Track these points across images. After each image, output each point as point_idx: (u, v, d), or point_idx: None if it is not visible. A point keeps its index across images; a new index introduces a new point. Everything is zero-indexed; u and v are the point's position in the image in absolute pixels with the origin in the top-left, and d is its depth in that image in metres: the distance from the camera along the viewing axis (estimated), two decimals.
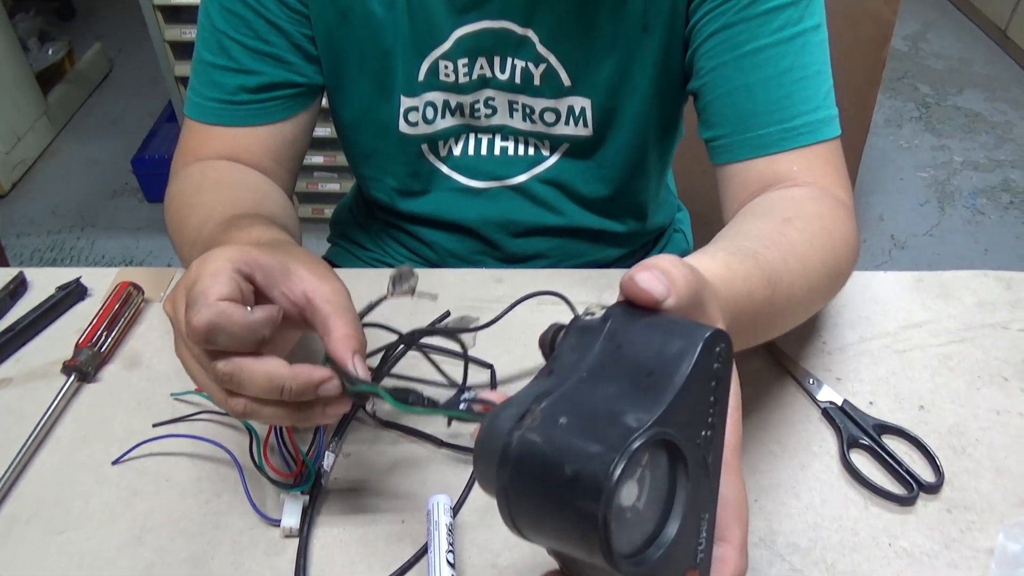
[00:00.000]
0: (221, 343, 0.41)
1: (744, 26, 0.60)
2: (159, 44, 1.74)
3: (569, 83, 0.68)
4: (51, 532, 0.51)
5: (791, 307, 0.52)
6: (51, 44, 2.44)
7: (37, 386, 0.61)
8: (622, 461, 0.26)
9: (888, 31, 1.07)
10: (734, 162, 0.63)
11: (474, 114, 0.71)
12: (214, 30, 0.67)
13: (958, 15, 2.92)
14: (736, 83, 0.62)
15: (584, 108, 0.69)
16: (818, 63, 0.61)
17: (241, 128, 0.68)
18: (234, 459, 0.54)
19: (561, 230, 0.78)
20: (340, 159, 1.90)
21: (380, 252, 0.87)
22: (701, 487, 0.30)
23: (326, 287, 0.45)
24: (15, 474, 0.54)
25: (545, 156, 0.74)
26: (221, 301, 0.41)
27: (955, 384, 0.60)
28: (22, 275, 0.69)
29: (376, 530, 0.51)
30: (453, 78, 0.69)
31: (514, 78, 0.68)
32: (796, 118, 0.60)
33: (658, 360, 0.29)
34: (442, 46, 0.67)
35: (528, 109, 0.70)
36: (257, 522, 0.52)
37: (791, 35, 0.60)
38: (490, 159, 0.74)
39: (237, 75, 0.67)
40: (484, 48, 0.67)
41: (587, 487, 0.26)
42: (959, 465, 0.54)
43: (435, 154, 0.74)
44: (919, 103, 2.47)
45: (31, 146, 2.29)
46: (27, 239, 2.05)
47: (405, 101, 0.70)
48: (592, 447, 0.27)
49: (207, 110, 0.68)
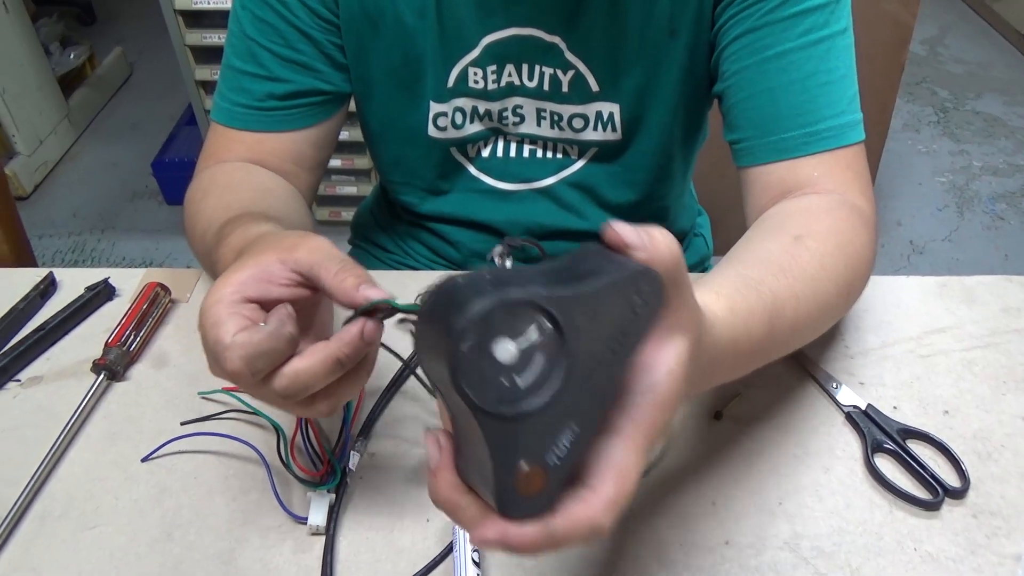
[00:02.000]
0: (264, 367, 0.41)
1: (769, 30, 0.60)
2: (180, 48, 1.76)
3: (597, 88, 0.68)
4: (83, 527, 0.52)
5: (797, 333, 0.52)
6: (73, 48, 2.48)
7: (67, 384, 0.62)
8: (494, 295, 0.29)
9: (907, 35, 1.07)
10: (756, 165, 0.63)
11: (502, 120, 0.72)
12: (244, 37, 0.68)
13: (977, 19, 2.91)
14: (759, 87, 0.62)
15: (612, 113, 0.69)
16: (843, 68, 0.61)
17: (266, 133, 0.69)
18: (262, 457, 0.55)
19: (585, 234, 0.79)
20: (358, 163, 1.91)
21: (402, 254, 0.87)
22: (580, 398, 0.31)
23: (301, 252, 0.44)
24: (47, 470, 0.55)
25: (573, 160, 0.74)
26: (235, 336, 0.40)
27: (980, 389, 0.59)
28: (51, 275, 0.70)
29: (401, 528, 0.52)
30: (482, 85, 0.69)
31: (542, 85, 0.69)
32: (819, 123, 0.60)
33: (588, 273, 0.32)
34: (471, 53, 0.68)
35: (556, 116, 0.71)
36: (284, 519, 0.52)
37: (816, 39, 0.60)
38: (518, 161, 0.75)
39: (266, 82, 0.68)
40: (512, 55, 0.68)
41: (460, 305, 0.29)
42: (985, 471, 0.54)
43: (464, 155, 0.75)
44: (937, 108, 2.46)
45: (53, 149, 2.32)
46: (48, 240, 2.08)
47: (434, 107, 0.71)
48: (487, 288, 0.29)
49: (234, 115, 0.69)
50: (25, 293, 0.68)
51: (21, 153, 2.18)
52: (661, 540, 0.51)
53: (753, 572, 0.49)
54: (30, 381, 0.62)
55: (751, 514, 0.52)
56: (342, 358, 0.41)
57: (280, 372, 0.41)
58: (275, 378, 0.41)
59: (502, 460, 0.30)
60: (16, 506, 0.52)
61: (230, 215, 0.57)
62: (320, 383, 0.41)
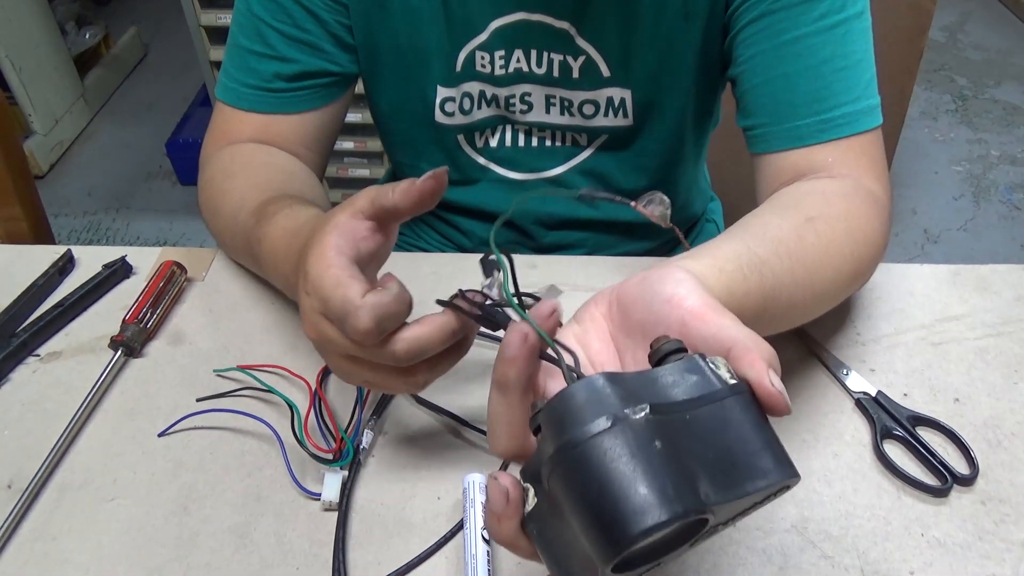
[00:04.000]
0: (390, 327, 0.41)
1: (785, 14, 0.60)
2: (195, 29, 1.76)
3: (609, 74, 0.68)
4: (101, 500, 0.53)
5: (785, 319, 0.52)
6: (88, 28, 2.48)
7: (86, 359, 0.63)
8: (673, 520, 0.28)
9: (926, 21, 1.05)
10: (770, 152, 0.63)
11: (509, 107, 0.72)
12: (251, 16, 0.68)
13: (997, 6, 2.87)
14: (775, 72, 0.61)
15: (624, 99, 0.69)
16: (860, 52, 0.61)
17: (274, 115, 0.69)
18: (276, 434, 0.56)
19: (596, 223, 0.79)
20: (370, 145, 1.92)
21: (414, 237, 0.88)
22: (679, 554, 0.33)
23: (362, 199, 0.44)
24: (67, 443, 0.56)
25: (582, 147, 0.74)
26: (365, 297, 0.41)
27: (991, 377, 0.59)
28: (69, 253, 0.71)
29: (413, 506, 0.52)
30: (489, 69, 0.69)
31: (552, 71, 0.68)
32: (835, 109, 0.60)
33: (747, 461, 0.31)
34: (479, 37, 0.67)
35: (566, 102, 0.70)
36: (297, 495, 0.53)
37: (833, 23, 0.59)
38: (527, 151, 0.74)
39: (273, 62, 0.68)
40: (520, 40, 0.67)
41: (637, 516, 0.28)
42: (994, 458, 0.54)
43: (471, 145, 0.75)
44: (956, 95, 2.43)
45: (68, 128, 2.33)
46: (64, 220, 2.09)
47: (442, 91, 0.71)
48: (667, 488, 0.28)
49: (241, 96, 0.69)
50: (44, 270, 0.69)
51: (37, 132, 2.20)
52: None
53: (760, 554, 0.50)
54: (49, 356, 0.63)
55: None
56: (456, 329, 0.42)
57: (399, 336, 0.42)
58: (394, 342, 0.42)
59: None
60: (36, 478, 0.54)
61: (266, 196, 0.58)
62: (433, 350, 0.42)
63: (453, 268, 0.70)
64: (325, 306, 0.42)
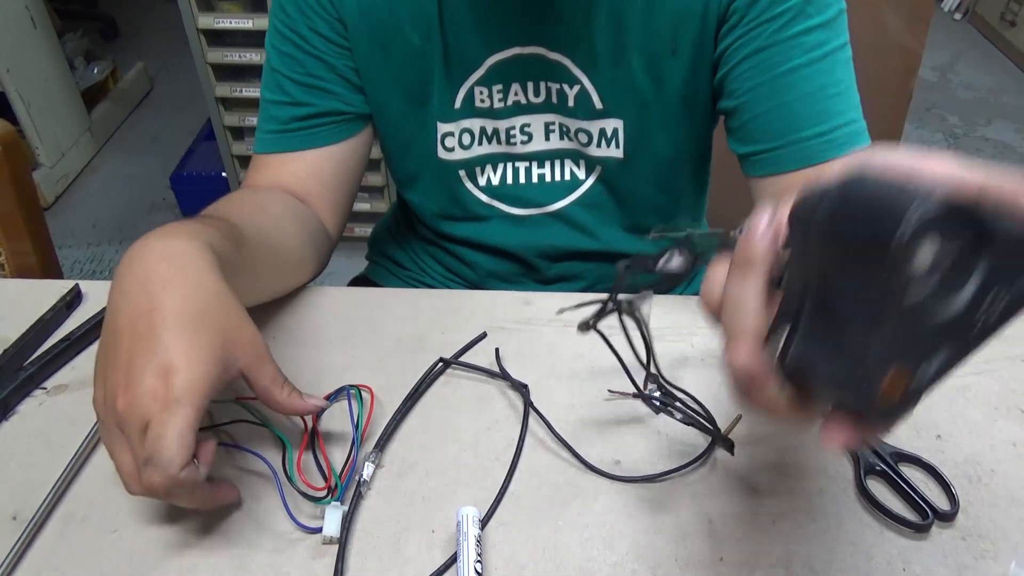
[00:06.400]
0: (168, 498, 0.47)
1: (778, 48, 0.64)
2: (201, 66, 1.80)
3: (601, 106, 0.71)
4: (103, 531, 0.55)
5: None
6: (96, 63, 2.54)
7: (91, 393, 0.64)
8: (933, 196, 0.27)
9: (915, 62, 1.09)
10: (778, 174, 0.66)
11: (510, 140, 0.74)
12: (271, 71, 0.73)
13: (988, 46, 2.93)
14: (775, 102, 0.65)
15: (616, 129, 0.72)
16: (848, 79, 0.65)
17: (290, 153, 0.72)
18: (271, 468, 0.57)
19: (599, 254, 0.81)
20: (371, 180, 1.95)
21: (418, 271, 0.90)
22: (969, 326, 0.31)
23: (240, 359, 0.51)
24: (71, 475, 0.58)
25: (582, 180, 0.76)
26: (180, 470, 0.45)
27: (972, 415, 0.61)
28: (77, 287, 0.73)
29: (407, 538, 0.54)
30: (488, 103, 0.72)
31: (550, 98, 0.71)
32: (836, 130, 0.64)
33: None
34: (476, 72, 0.70)
35: (564, 127, 0.73)
36: (296, 527, 0.54)
37: (822, 54, 0.63)
38: (528, 187, 0.77)
39: (290, 107, 0.72)
40: (517, 74, 0.70)
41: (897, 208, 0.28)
42: (975, 495, 0.56)
43: (473, 182, 0.77)
44: (948, 134, 2.48)
45: (74, 161, 2.37)
46: (68, 251, 2.12)
47: (442, 127, 0.74)
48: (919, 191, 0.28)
49: (264, 142, 0.74)
50: (52, 304, 0.71)
51: (44, 165, 2.24)
52: (658, 556, 0.52)
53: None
54: (56, 389, 0.65)
55: (746, 532, 0.54)
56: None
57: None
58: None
59: (883, 357, 0.29)
60: (41, 509, 0.55)
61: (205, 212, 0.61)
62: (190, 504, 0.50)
63: (451, 304, 0.72)
64: (150, 428, 0.45)
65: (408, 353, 0.66)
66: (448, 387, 0.64)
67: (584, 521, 0.54)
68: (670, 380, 0.62)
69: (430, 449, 0.59)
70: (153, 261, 0.49)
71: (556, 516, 0.55)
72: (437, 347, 0.67)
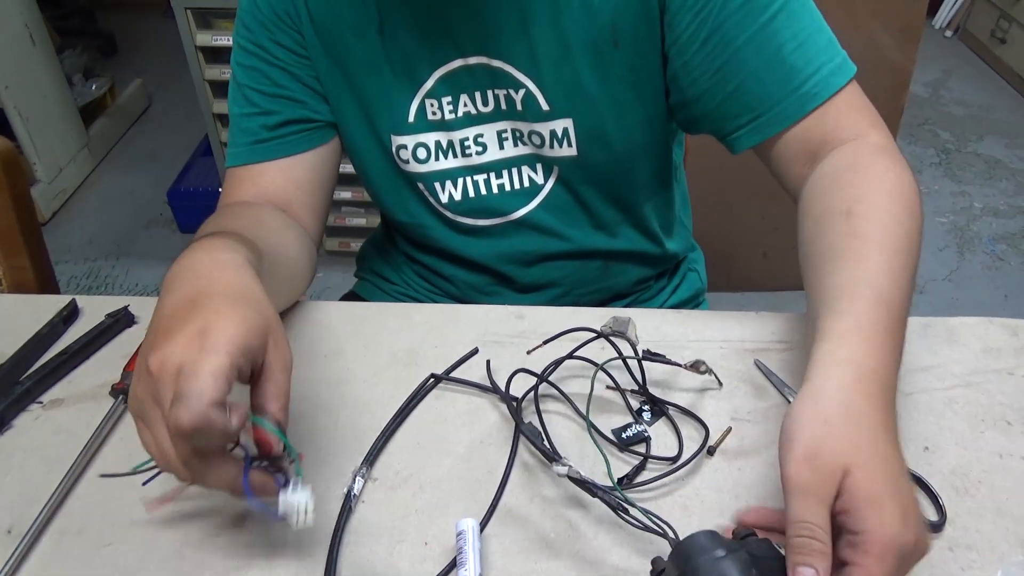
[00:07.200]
0: (197, 443, 0.44)
1: (730, 24, 0.63)
2: (199, 83, 1.82)
3: (548, 107, 0.70)
4: (98, 544, 0.55)
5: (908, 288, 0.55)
6: (95, 80, 2.55)
7: (87, 407, 0.65)
8: None
9: (905, 79, 1.10)
10: (769, 139, 0.66)
11: (465, 152, 0.75)
12: (238, 85, 0.74)
13: (979, 62, 2.96)
14: (743, 75, 0.64)
15: (567, 128, 0.71)
16: (807, 26, 0.63)
17: (266, 163, 0.74)
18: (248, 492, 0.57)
19: (572, 254, 0.81)
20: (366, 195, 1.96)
21: (404, 286, 0.90)
22: None
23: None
24: (66, 489, 0.58)
25: (541, 185, 0.76)
26: (211, 407, 0.42)
27: (959, 427, 0.62)
28: (74, 302, 0.74)
29: (401, 551, 0.54)
30: (440, 116, 0.73)
31: (499, 105, 0.72)
32: (806, 81, 0.63)
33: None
34: (425, 85, 0.72)
35: (518, 133, 0.73)
36: (289, 541, 0.55)
37: (773, 14, 0.63)
38: (490, 197, 0.77)
39: (259, 117, 0.73)
40: (464, 84, 0.71)
41: None
42: (962, 505, 0.56)
43: (434, 197, 0.78)
44: (939, 149, 2.50)
45: (71, 177, 2.38)
46: (64, 266, 2.12)
47: (396, 140, 0.74)
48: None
49: (238, 155, 0.75)
50: (49, 319, 0.71)
51: (41, 180, 2.24)
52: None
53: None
54: (52, 403, 0.65)
55: None
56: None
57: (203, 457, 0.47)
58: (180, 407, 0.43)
59: None
60: (37, 522, 0.55)
61: (217, 229, 0.61)
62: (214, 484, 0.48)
63: (444, 318, 0.72)
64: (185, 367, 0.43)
65: (402, 367, 0.67)
66: (441, 400, 0.65)
67: (576, 533, 0.55)
68: (660, 396, 0.63)
69: (423, 462, 0.60)
70: (204, 268, 0.52)
71: (548, 529, 0.55)
72: (430, 360, 0.67)
